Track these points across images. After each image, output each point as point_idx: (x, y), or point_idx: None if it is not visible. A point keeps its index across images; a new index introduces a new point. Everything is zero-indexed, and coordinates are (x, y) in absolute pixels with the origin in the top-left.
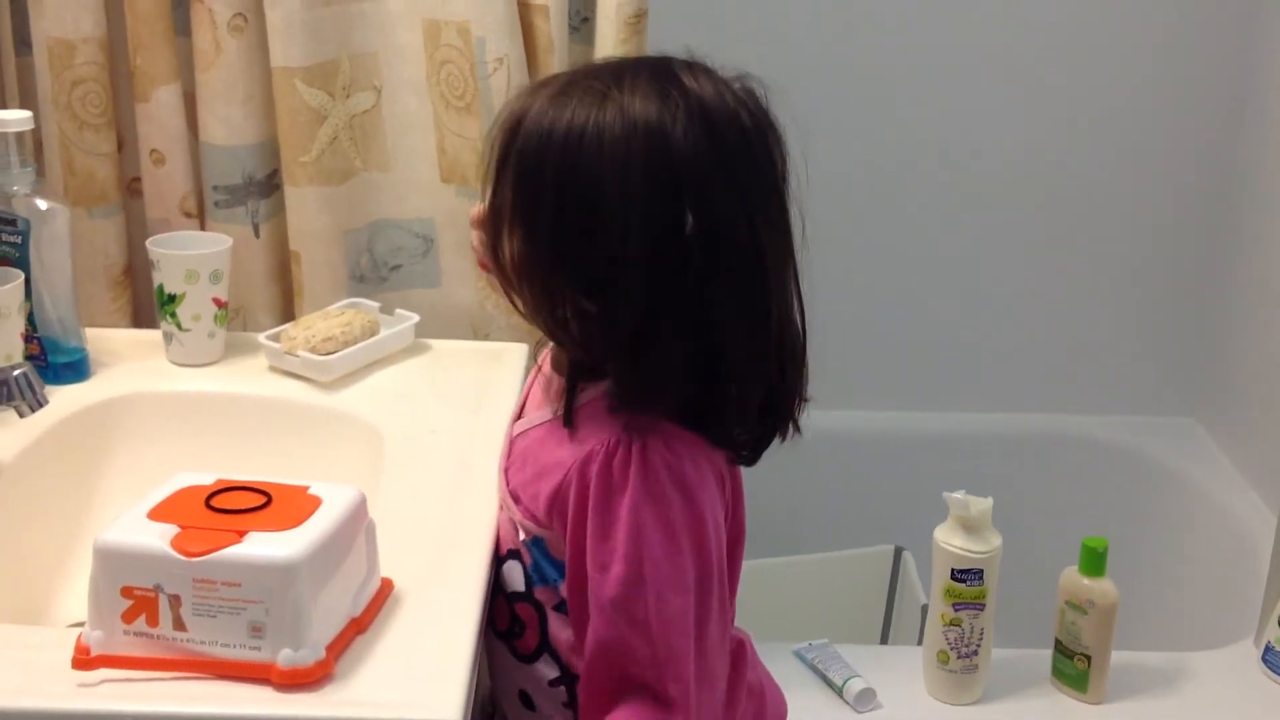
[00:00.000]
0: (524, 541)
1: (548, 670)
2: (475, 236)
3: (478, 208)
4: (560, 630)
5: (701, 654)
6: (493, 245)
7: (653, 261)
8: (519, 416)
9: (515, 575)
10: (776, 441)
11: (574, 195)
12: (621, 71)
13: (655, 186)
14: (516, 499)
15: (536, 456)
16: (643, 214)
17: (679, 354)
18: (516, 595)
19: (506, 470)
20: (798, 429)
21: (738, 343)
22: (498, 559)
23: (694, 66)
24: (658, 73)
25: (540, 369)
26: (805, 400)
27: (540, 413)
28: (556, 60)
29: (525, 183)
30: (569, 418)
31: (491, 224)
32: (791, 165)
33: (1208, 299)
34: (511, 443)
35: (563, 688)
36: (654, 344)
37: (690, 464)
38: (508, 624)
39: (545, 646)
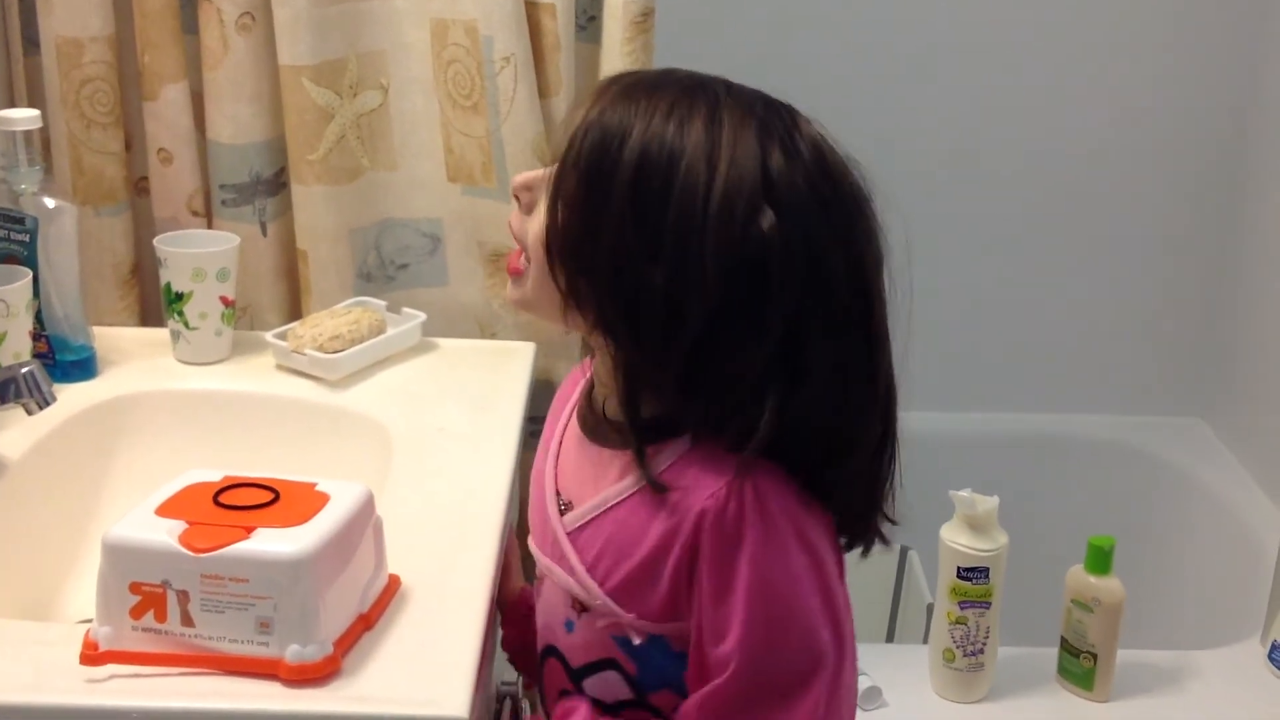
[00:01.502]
0: (638, 645)
1: None
2: (527, 240)
3: (528, 221)
4: None
5: (836, 715)
6: (550, 231)
7: (720, 249)
8: (560, 506)
9: (613, 687)
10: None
11: (655, 166)
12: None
13: (742, 176)
14: (622, 603)
15: (631, 544)
16: (724, 192)
17: (745, 372)
18: (624, 704)
19: (591, 569)
20: (884, 540)
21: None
22: (569, 670)
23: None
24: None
25: (557, 452)
26: (887, 516)
27: (605, 495)
28: (564, 60)
29: (597, 162)
30: (657, 484)
31: (554, 198)
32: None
33: (1215, 299)
34: (571, 537)
35: None
36: (713, 350)
37: (806, 510)
38: None
39: None
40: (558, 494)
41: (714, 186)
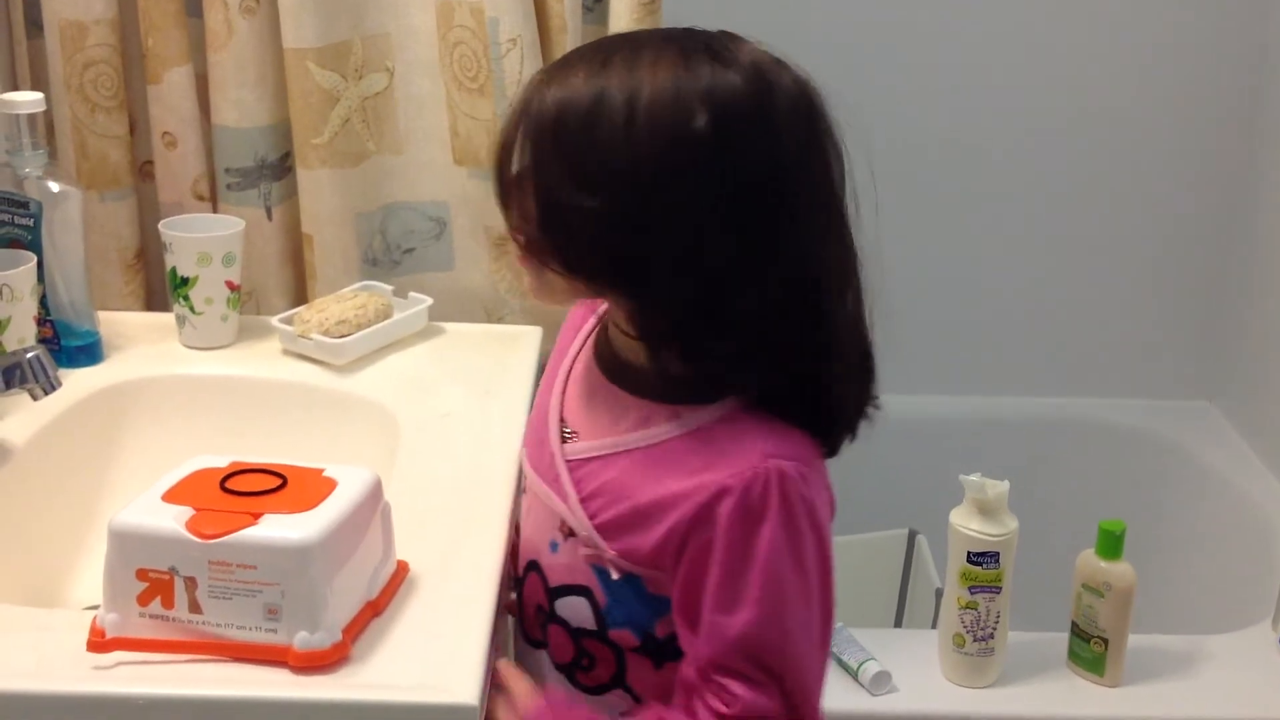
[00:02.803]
0: (615, 580)
1: (619, 703)
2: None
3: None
4: (642, 673)
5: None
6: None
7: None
8: (563, 433)
9: (580, 612)
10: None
11: (569, 111)
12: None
13: (666, 90)
14: (608, 539)
15: (634, 490)
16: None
17: (704, 273)
18: (585, 632)
19: (584, 502)
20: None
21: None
22: (547, 587)
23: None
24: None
25: (566, 378)
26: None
27: (619, 439)
28: (570, 41)
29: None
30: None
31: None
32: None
33: (1225, 282)
34: (571, 466)
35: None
36: (675, 265)
37: (819, 498)
38: (572, 657)
39: (620, 684)
40: (562, 420)
41: (636, 108)
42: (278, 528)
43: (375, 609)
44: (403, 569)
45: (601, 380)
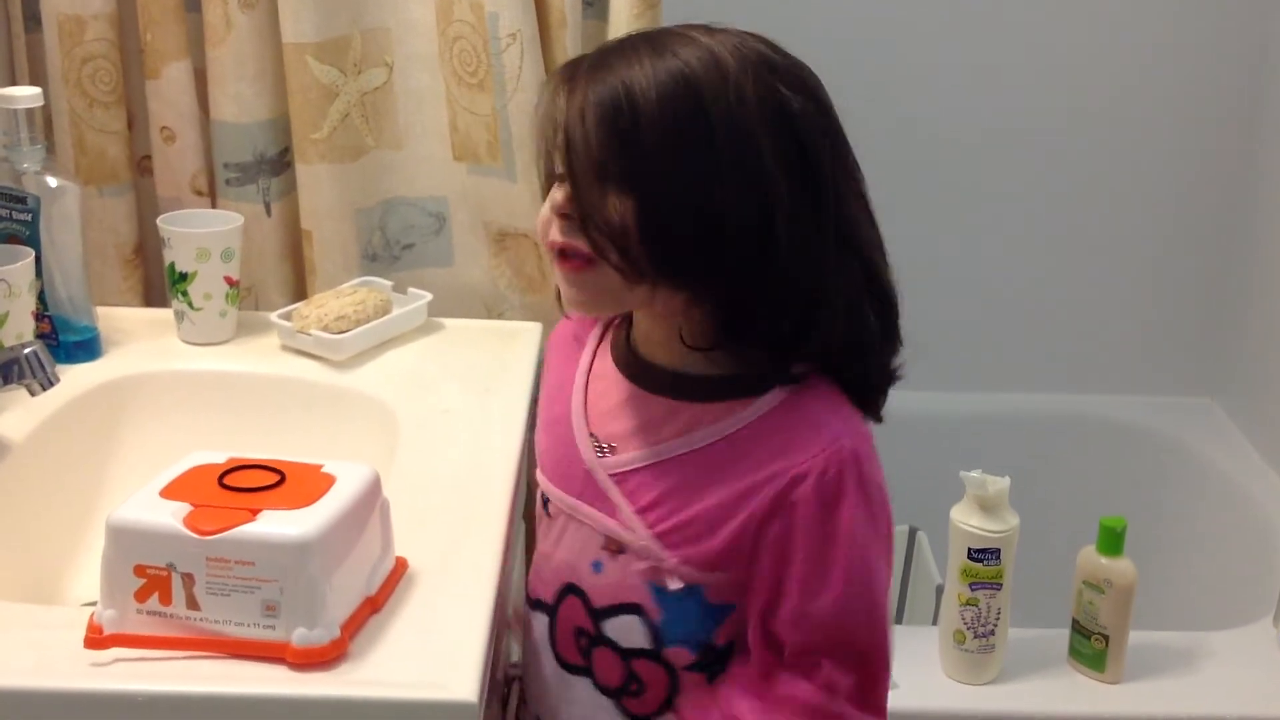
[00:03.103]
0: (672, 593)
1: None
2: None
3: (561, 240)
4: (691, 691)
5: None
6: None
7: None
8: (596, 448)
9: (633, 631)
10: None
11: (676, 92)
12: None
13: (747, 67)
14: (668, 545)
15: (698, 494)
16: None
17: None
18: (637, 652)
19: (641, 512)
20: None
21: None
22: (590, 609)
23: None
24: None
25: (585, 397)
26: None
27: (669, 444)
28: (570, 36)
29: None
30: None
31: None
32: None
33: (1227, 278)
34: (617, 479)
35: None
36: (795, 247)
37: (881, 473)
38: (621, 680)
39: (669, 707)
40: (591, 435)
41: (738, 82)
42: (276, 524)
43: (374, 606)
44: (402, 566)
45: (633, 389)
